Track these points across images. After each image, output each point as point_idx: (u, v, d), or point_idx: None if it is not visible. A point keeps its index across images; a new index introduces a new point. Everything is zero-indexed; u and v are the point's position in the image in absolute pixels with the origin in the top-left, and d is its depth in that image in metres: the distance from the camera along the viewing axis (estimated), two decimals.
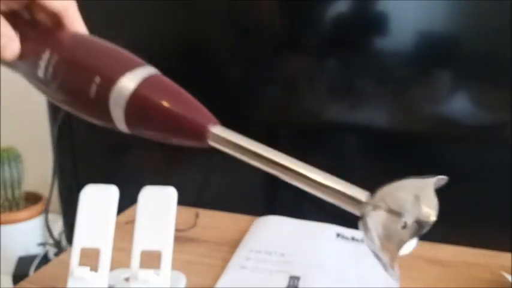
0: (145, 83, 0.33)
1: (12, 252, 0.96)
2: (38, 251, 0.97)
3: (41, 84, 0.37)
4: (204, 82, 0.32)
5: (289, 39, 0.74)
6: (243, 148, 0.31)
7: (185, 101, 0.33)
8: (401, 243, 0.26)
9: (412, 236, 0.26)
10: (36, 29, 0.39)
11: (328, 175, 0.29)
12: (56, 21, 0.41)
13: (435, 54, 0.67)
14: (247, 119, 0.75)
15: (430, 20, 0.66)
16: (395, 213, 0.26)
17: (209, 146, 0.32)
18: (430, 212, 0.25)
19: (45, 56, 0.36)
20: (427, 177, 0.27)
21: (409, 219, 0.26)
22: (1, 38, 0.36)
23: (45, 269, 0.56)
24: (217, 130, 0.32)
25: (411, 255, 0.63)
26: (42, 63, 0.36)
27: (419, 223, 0.25)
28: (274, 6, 0.73)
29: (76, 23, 0.40)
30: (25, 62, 0.38)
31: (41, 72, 0.36)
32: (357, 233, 0.64)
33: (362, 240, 0.62)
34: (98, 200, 0.39)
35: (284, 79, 0.75)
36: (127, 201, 0.50)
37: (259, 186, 0.80)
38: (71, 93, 0.35)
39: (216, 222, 0.69)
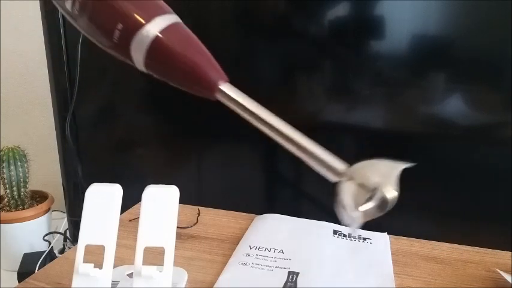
0: (167, 31, 0.34)
1: (18, 250, 0.96)
2: (43, 248, 0.97)
3: (69, 16, 0.37)
4: None
5: (288, 42, 0.74)
6: (243, 107, 0.34)
7: (202, 53, 0.35)
8: (366, 213, 0.30)
9: (376, 209, 0.29)
10: None
11: (315, 144, 0.32)
12: None
13: (432, 56, 0.67)
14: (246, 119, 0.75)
15: (425, 23, 0.67)
16: (363, 187, 0.30)
17: (215, 99, 0.34)
18: (392, 192, 0.29)
19: None
20: (398, 163, 0.31)
21: (375, 194, 0.29)
22: None
23: (50, 266, 0.56)
24: (226, 87, 0.34)
25: (407, 252, 0.64)
26: None
27: (382, 200, 0.29)
28: (274, 8, 0.74)
29: None
30: None
31: (68, 5, 0.36)
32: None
33: (358, 238, 0.63)
34: (103, 198, 0.39)
35: (282, 80, 0.75)
36: (131, 199, 0.51)
37: (259, 186, 0.80)
38: (95, 32, 0.35)
39: (217, 219, 0.70)
